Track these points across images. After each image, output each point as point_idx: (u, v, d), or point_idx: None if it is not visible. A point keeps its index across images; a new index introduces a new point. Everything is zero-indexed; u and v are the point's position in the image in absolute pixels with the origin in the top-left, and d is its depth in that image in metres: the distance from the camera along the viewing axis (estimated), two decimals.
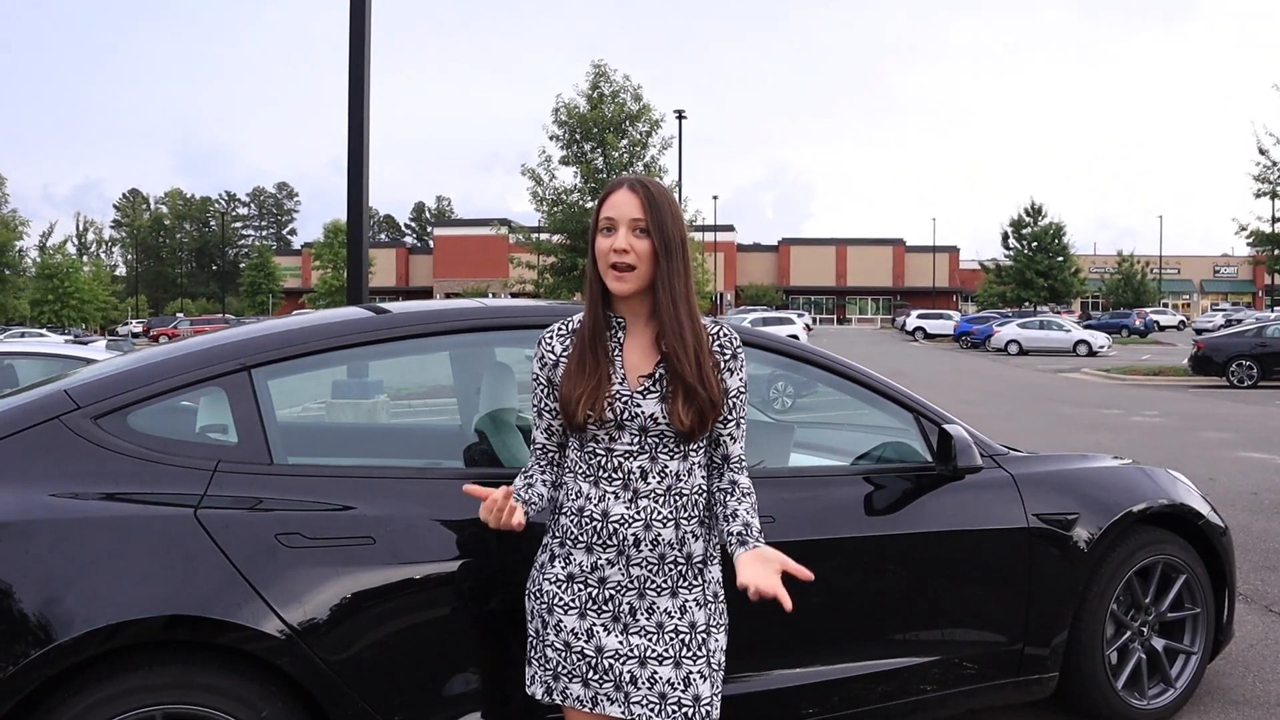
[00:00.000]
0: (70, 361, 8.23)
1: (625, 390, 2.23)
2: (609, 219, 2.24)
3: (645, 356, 2.27)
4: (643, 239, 2.21)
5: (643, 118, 30.49)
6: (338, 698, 2.54)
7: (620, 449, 2.23)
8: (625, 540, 2.22)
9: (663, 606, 2.23)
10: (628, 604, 2.24)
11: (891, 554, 3.26)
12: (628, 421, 2.21)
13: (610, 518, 2.22)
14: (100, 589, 2.35)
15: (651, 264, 2.23)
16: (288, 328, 2.98)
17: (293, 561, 2.51)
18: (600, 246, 2.24)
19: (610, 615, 2.24)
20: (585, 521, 2.25)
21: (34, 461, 2.48)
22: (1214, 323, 49.87)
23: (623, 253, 2.20)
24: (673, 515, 2.24)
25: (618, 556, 2.23)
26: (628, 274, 2.21)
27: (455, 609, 2.68)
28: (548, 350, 2.33)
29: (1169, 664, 3.90)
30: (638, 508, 2.21)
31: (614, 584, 2.24)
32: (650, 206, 2.22)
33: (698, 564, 2.27)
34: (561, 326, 2.36)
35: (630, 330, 2.29)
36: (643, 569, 2.23)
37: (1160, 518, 3.86)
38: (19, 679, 2.27)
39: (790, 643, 3.11)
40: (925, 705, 3.35)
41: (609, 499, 2.22)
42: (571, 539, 2.27)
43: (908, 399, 3.52)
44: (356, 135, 9.19)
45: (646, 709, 2.21)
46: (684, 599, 2.25)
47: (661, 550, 2.23)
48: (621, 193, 2.25)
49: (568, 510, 2.29)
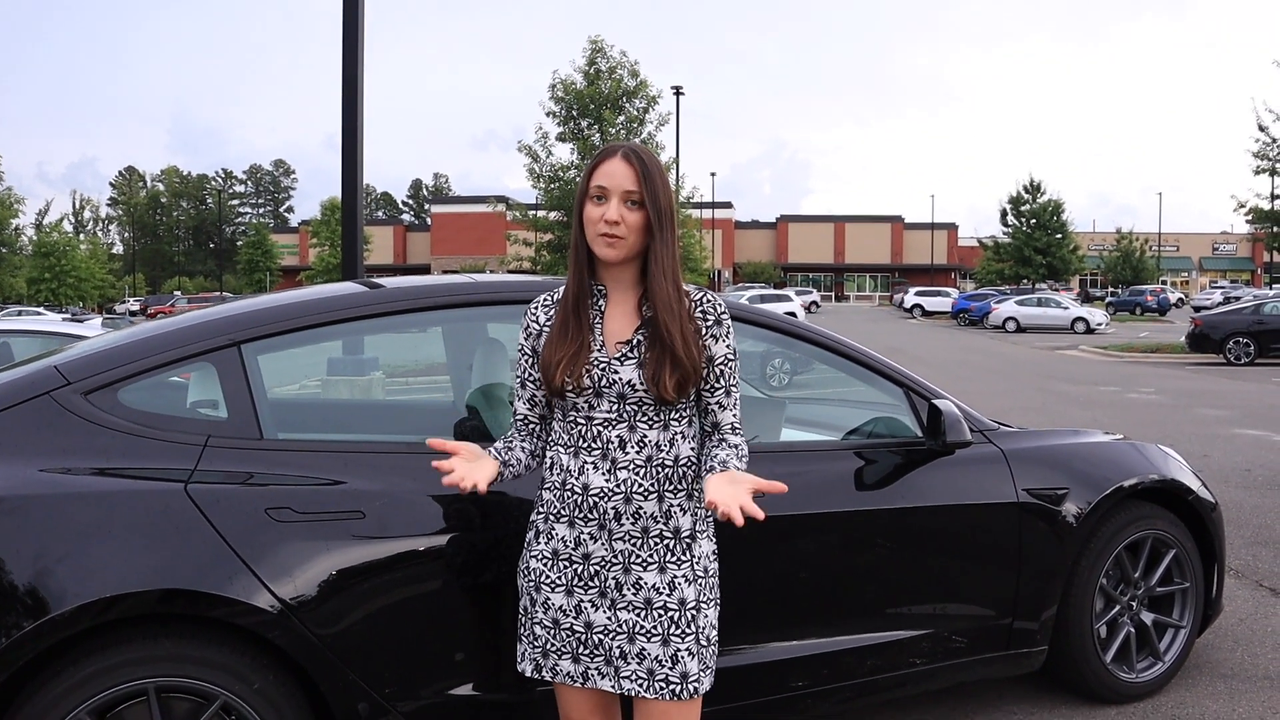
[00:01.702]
0: (67, 339, 8.22)
1: (603, 357, 2.23)
2: (601, 187, 2.22)
3: (624, 323, 2.27)
4: (635, 211, 2.21)
5: (640, 94, 30.38)
6: (329, 671, 2.55)
7: (599, 417, 2.23)
8: (605, 514, 2.22)
9: (650, 582, 2.22)
10: (613, 579, 2.23)
11: (881, 528, 3.27)
12: (605, 389, 2.22)
13: (590, 490, 2.22)
14: (92, 563, 2.36)
15: (643, 235, 2.23)
16: (279, 303, 2.98)
17: (283, 536, 2.52)
18: (590, 214, 2.23)
19: (597, 591, 2.24)
20: (567, 495, 2.25)
21: (25, 437, 2.49)
22: (1213, 300, 49.81)
23: (614, 224, 2.20)
24: (655, 488, 2.23)
25: (599, 530, 2.23)
26: (618, 242, 2.21)
27: (446, 582, 2.69)
28: (533, 320, 2.34)
29: (1158, 638, 3.92)
30: (617, 480, 2.22)
31: (598, 560, 2.24)
32: (644, 178, 2.21)
33: (686, 538, 2.25)
34: (547, 297, 2.37)
35: (611, 298, 2.29)
36: (626, 543, 2.22)
37: (1151, 493, 3.88)
38: (12, 652, 2.28)
39: (780, 616, 3.13)
40: (914, 678, 3.38)
41: (588, 470, 2.23)
42: (554, 513, 2.28)
43: (898, 374, 3.52)
44: (351, 112, 9.16)
45: (636, 684, 2.21)
46: (673, 574, 2.23)
47: (644, 524, 2.22)
48: (615, 161, 2.23)
49: (550, 484, 2.30)
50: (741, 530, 2.97)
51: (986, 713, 3.76)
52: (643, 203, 2.21)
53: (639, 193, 2.20)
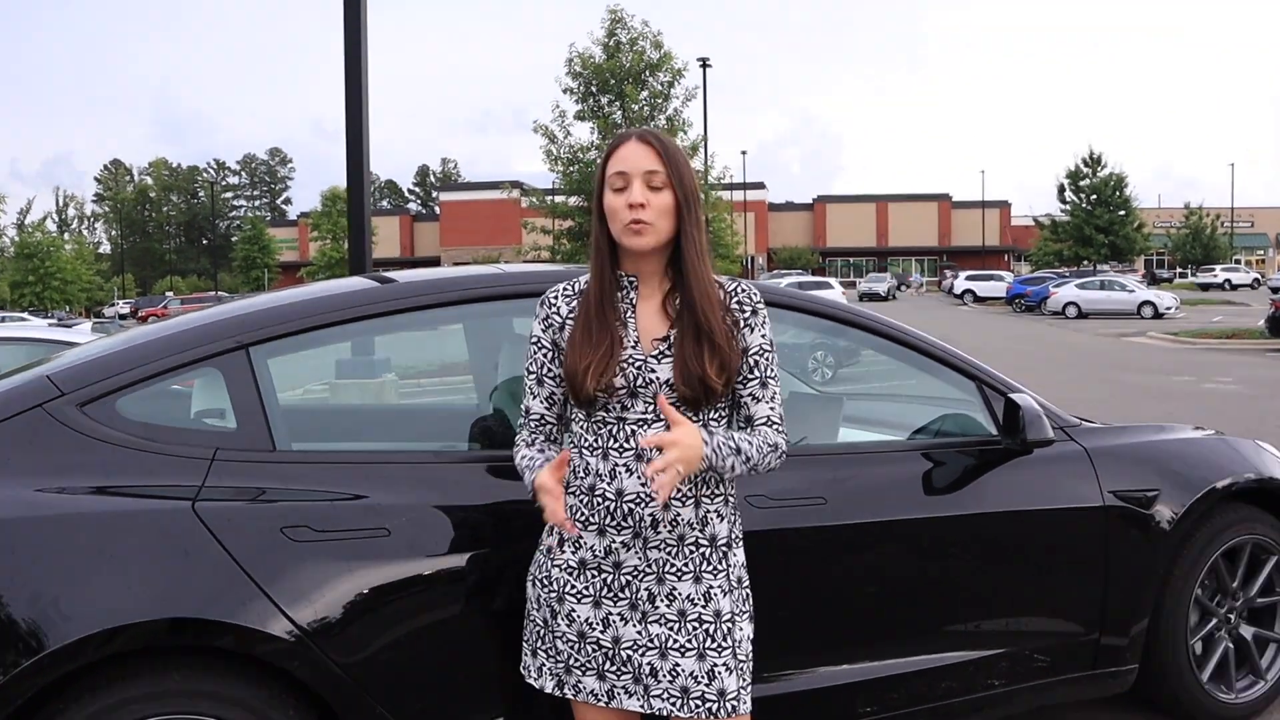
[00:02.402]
0: (55, 347, 8.25)
1: (639, 354, 2.23)
2: (620, 174, 2.23)
3: (659, 319, 2.27)
4: (660, 193, 2.21)
5: (664, 67, 30.25)
6: (353, 704, 2.52)
7: (633, 418, 2.22)
8: (642, 521, 2.20)
9: (684, 593, 2.22)
10: (646, 590, 2.22)
11: (954, 537, 3.21)
12: (641, 388, 2.21)
13: (625, 496, 2.20)
14: (93, 591, 2.33)
15: (673, 218, 2.23)
16: (286, 301, 2.95)
17: (300, 557, 2.49)
18: (611, 204, 2.24)
19: (627, 603, 2.23)
20: (597, 501, 2.23)
21: (17, 454, 2.47)
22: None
23: (640, 208, 2.19)
24: (693, 492, 2.22)
25: (633, 539, 2.22)
26: (646, 228, 2.21)
27: (481, 605, 2.66)
28: (553, 311, 2.33)
29: (1259, 654, 3.84)
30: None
31: (630, 569, 2.23)
32: (667, 158, 2.23)
33: (722, 546, 2.26)
34: (568, 286, 2.36)
35: (643, 290, 2.29)
36: (661, 551, 2.22)
37: (1248, 494, 3.79)
38: (11, 689, 2.25)
39: (844, 636, 3.08)
40: (992, 701, 3.32)
41: (621, 474, 2.21)
42: (581, 520, 2.25)
43: (969, 366, 3.46)
44: (355, 93, 9.13)
45: (668, 703, 2.20)
46: (708, 585, 2.23)
47: (681, 531, 2.22)
48: (631, 145, 2.24)
49: (575, 489, 2.27)
50: (803, 543, 2.95)
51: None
52: (668, 184, 2.22)
53: (662, 173, 2.22)
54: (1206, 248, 68.60)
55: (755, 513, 2.84)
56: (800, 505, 2.96)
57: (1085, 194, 57.92)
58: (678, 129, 29.95)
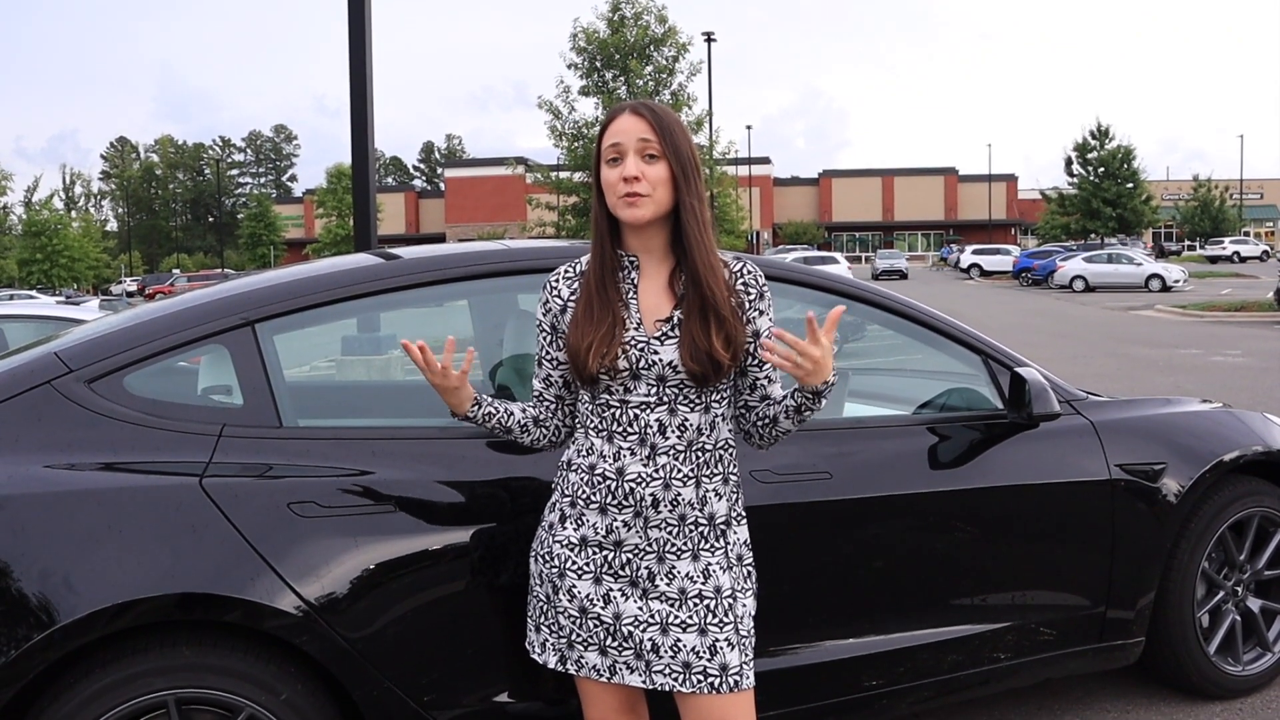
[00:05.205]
0: (63, 324, 8.27)
1: (641, 336, 2.22)
2: (615, 145, 2.22)
3: (662, 298, 2.26)
4: (655, 164, 2.20)
5: (669, 41, 30.19)
6: (361, 678, 2.53)
7: (636, 400, 2.22)
8: (643, 500, 2.21)
9: (684, 570, 2.22)
10: (646, 568, 2.23)
11: (960, 511, 3.21)
12: (644, 370, 2.20)
13: (626, 476, 2.21)
14: (102, 566, 2.34)
15: (670, 190, 2.21)
16: (292, 278, 2.95)
17: (308, 532, 2.50)
18: (607, 178, 2.23)
19: (628, 580, 2.24)
20: (598, 480, 2.24)
21: (25, 430, 2.47)
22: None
23: (634, 180, 2.18)
24: (694, 473, 2.23)
25: (634, 518, 2.22)
26: (641, 200, 2.19)
27: (486, 580, 2.66)
28: (553, 295, 2.33)
29: (1266, 626, 3.84)
30: (656, 465, 2.20)
31: (631, 547, 2.23)
32: (660, 128, 2.21)
33: (720, 525, 2.26)
34: (569, 268, 2.35)
35: (644, 269, 2.28)
36: (662, 530, 2.22)
37: (1255, 466, 3.79)
38: (22, 663, 2.27)
39: (851, 610, 3.08)
40: (999, 674, 3.32)
41: (624, 455, 2.22)
42: (584, 499, 2.26)
43: (975, 340, 3.45)
44: (359, 70, 9.10)
45: (670, 679, 2.20)
46: (706, 562, 2.23)
47: (682, 510, 2.22)
48: (625, 117, 2.23)
49: (578, 466, 2.28)
50: (809, 517, 2.95)
51: (1077, 711, 3.70)
52: (663, 154, 2.20)
53: (656, 143, 2.20)
54: (1215, 220, 68.21)
55: (761, 487, 2.84)
56: (806, 480, 2.96)
57: (1093, 167, 57.60)
58: (682, 104, 29.89)
